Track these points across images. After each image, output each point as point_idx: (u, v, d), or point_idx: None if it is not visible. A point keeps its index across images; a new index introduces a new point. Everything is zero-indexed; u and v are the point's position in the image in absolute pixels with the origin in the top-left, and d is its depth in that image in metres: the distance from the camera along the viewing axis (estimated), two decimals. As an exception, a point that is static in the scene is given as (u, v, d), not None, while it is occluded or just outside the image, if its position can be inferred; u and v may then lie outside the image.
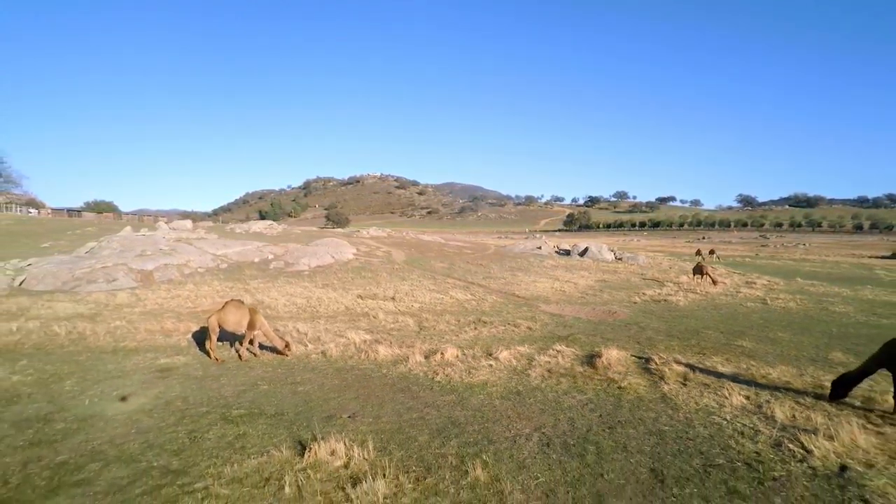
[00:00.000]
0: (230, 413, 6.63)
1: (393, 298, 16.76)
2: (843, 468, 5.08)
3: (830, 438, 5.65)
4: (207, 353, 9.49)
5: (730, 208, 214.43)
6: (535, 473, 5.03)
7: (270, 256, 24.36)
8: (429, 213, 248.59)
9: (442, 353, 9.48)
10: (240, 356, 9.42)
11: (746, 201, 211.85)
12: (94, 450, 5.48)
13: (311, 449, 5.27)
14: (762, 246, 70.43)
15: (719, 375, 8.40)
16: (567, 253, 39.34)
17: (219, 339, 10.10)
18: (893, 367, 6.51)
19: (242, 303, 9.48)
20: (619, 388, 7.80)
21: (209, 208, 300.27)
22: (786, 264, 39.96)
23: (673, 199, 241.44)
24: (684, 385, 7.91)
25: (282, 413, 6.66)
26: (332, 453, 5.20)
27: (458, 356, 9.47)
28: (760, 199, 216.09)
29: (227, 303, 9.38)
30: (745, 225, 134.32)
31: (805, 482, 4.85)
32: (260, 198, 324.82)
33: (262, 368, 8.87)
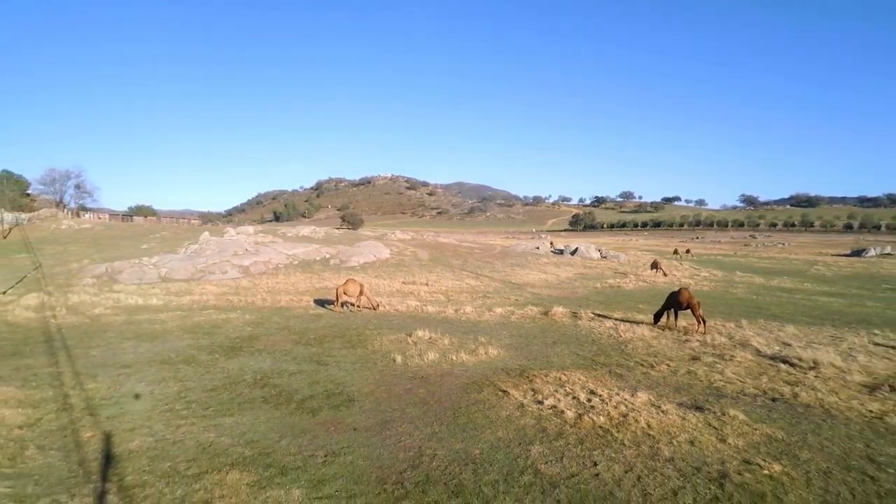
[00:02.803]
0: (368, 327, 14.28)
1: (426, 284, 24.41)
2: (627, 341, 12.63)
3: (633, 333, 13.21)
4: (331, 309, 17.15)
5: (734, 208, 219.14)
6: (505, 340, 12.64)
7: (327, 255, 32.13)
8: (439, 213, 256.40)
9: (463, 309, 17.12)
10: (350, 311, 17.10)
11: (749, 201, 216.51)
12: (322, 335, 13.15)
13: (412, 333, 12.88)
14: (745, 245, 77.20)
15: (611, 318, 15.93)
16: (560, 252, 46.72)
17: (327, 301, 17.74)
18: (670, 307, 14.11)
19: (356, 280, 17.20)
20: (555, 321, 15.38)
21: (222, 209, 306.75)
22: (748, 261, 47.08)
23: (678, 199, 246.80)
24: (590, 321, 15.44)
25: (392, 328, 14.28)
26: (423, 335, 12.82)
27: (472, 311, 17.08)
28: (764, 199, 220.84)
29: (347, 280, 17.11)
30: (741, 225, 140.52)
31: (609, 343, 12.43)
32: (273, 198, 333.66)
33: (367, 316, 16.49)
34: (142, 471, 5.61)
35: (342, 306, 17.22)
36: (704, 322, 13.51)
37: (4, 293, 19.97)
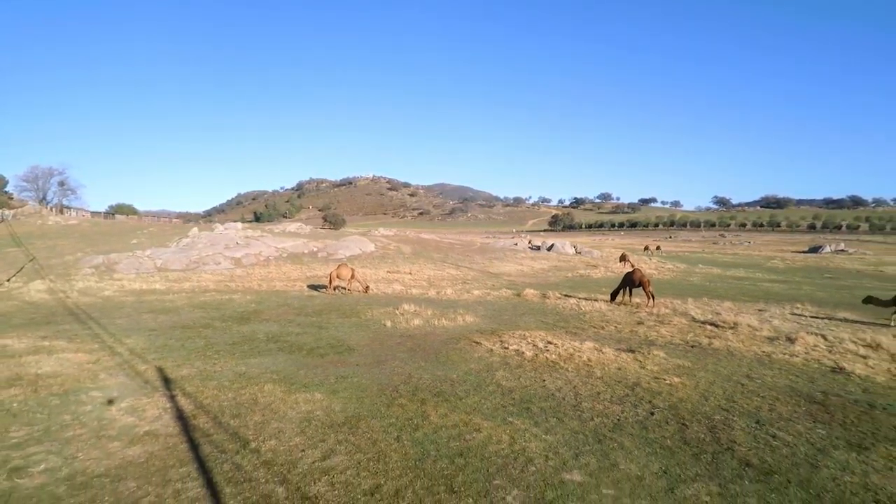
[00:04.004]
0: (359, 304, 16.00)
1: (410, 273, 26.18)
2: (586, 312, 14.64)
3: (592, 307, 15.24)
4: (324, 292, 18.78)
5: (707, 209, 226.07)
6: (480, 312, 14.52)
7: (315, 249, 33.60)
8: (420, 214, 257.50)
9: (444, 292, 18.96)
10: (342, 293, 18.76)
11: (722, 202, 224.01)
12: (319, 310, 14.81)
13: (399, 307, 14.65)
14: (713, 243, 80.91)
15: (575, 297, 17.96)
16: (537, 248, 48.98)
17: (319, 286, 19.35)
18: (625, 286, 16.19)
19: (347, 265, 18.86)
20: (526, 300, 17.34)
21: (200, 209, 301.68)
22: (713, 257, 50.05)
23: (654, 200, 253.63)
24: (556, 300, 17.43)
25: (381, 304, 16.02)
26: (408, 308, 14.59)
27: (452, 292, 18.94)
28: (736, 201, 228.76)
29: (339, 265, 18.77)
30: (713, 225, 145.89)
31: (570, 314, 14.43)
32: (253, 199, 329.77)
33: (358, 297, 18.17)
34: (196, 385, 7.29)
35: (334, 289, 18.88)
36: (654, 297, 15.64)
37: (9, 280, 21.03)
